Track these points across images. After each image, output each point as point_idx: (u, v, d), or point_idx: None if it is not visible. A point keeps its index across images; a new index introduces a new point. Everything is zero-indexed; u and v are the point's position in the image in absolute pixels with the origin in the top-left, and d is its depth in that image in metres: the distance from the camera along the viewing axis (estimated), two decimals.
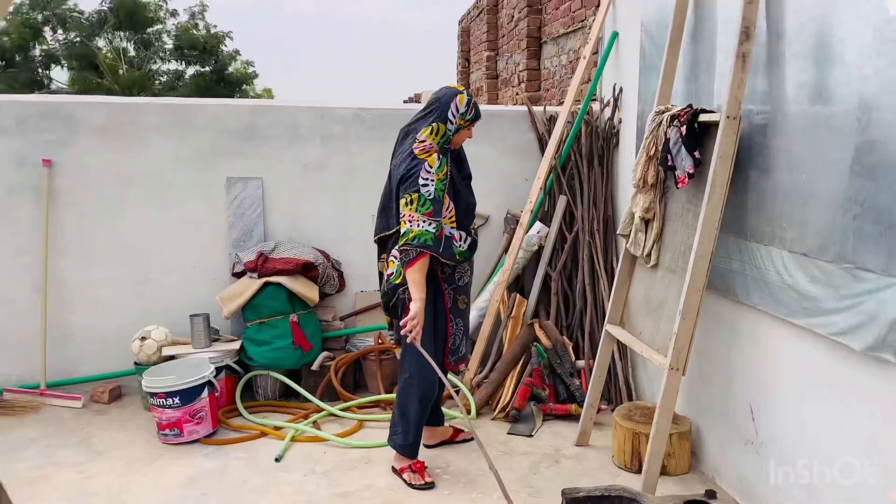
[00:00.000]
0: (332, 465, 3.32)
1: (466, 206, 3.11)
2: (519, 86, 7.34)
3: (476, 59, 10.04)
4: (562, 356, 3.90)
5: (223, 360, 3.94)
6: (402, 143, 3.08)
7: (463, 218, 3.08)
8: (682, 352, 2.81)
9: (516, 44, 7.41)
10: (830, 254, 2.26)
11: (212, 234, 4.26)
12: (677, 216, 3.09)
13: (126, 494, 3.06)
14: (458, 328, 3.22)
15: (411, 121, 3.11)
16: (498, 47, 8.54)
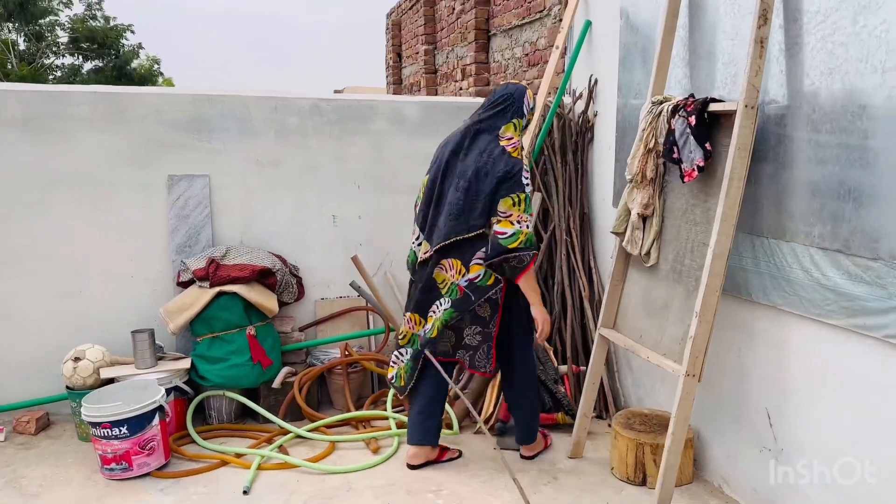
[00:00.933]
0: (309, 496, 2.97)
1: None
2: (463, 80, 7.12)
3: (409, 52, 9.76)
4: (545, 363, 3.68)
5: (172, 380, 3.50)
6: (476, 140, 2.96)
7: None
8: (699, 357, 2.64)
9: (459, 36, 7.18)
10: (874, 250, 2.12)
11: (151, 239, 3.80)
12: (680, 212, 2.92)
13: None
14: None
15: (479, 118, 3.00)
16: (436, 41, 8.30)
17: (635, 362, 3.71)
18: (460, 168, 2.94)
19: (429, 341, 3.05)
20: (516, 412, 3.25)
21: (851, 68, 2.18)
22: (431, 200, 3.05)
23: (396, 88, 10.70)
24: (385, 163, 4.08)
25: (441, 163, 3.04)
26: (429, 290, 3.05)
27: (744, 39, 2.71)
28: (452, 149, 3.02)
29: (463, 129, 3.05)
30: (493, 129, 2.95)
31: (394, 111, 4.07)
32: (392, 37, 10.62)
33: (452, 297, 2.98)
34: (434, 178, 3.06)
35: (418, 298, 3.09)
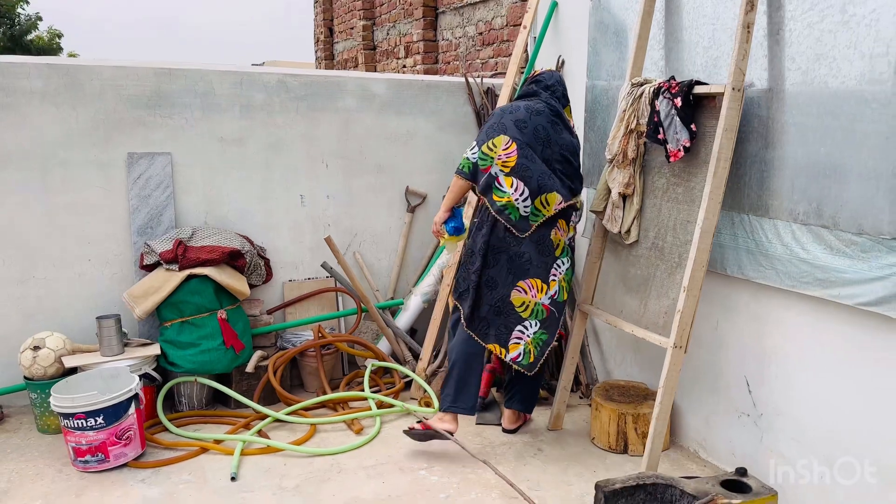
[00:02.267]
0: (300, 479, 2.94)
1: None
2: (407, 57, 7.06)
3: (343, 27, 9.57)
4: None
5: (141, 367, 3.37)
6: (561, 119, 3.14)
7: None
8: (686, 329, 2.76)
9: (402, 12, 7.11)
10: (860, 226, 2.28)
11: (111, 220, 3.61)
12: (661, 191, 3.03)
13: None
14: None
15: (552, 103, 3.15)
16: (375, 16, 8.17)
17: (603, 338, 3.84)
18: (561, 140, 3.09)
19: (563, 304, 3.14)
20: (528, 384, 3.28)
21: (839, 55, 2.32)
22: (541, 160, 3.04)
23: (328, 64, 10.48)
24: (354, 141, 4.02)
25: (540, 131, 3.06)
26: (548, 251, 3.05)
27: (725, 24, 2.82)
28: (549, 121, 3.09)
29: (545, 107, 3.12)
30: (562, 111, 3.18)
31: (362, 88, 4.01)
32: (323, 10, 10.37)
33: (566, 256, 3.13)
34: (537, 141, 3.03)
35: (538, 262, 3.03)
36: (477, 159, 3.04)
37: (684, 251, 2.84)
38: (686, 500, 2.31)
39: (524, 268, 3.02)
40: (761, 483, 2.39)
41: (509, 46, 5.07)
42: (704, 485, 2.38)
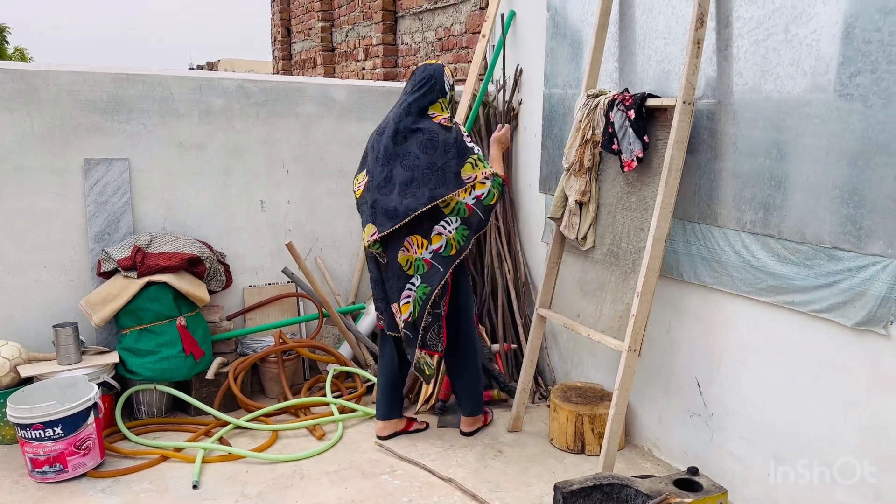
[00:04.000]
0: (263, 486, 2.95)
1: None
2: (366, 60, 7.07)
3: (300, 28, 9.53)
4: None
5: (99, 376, 3.33)
6: (410, 123, 3.04)
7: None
8: (640, 333, 2.86)
9: (361, 14, 7.12)
10: (803, 235, 2.40)
11: (67, 227, 3.56)
12: (615, 199, 3.12)
13: None
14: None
15: (408, 102, 3.07)
16: (333, 17, 8.16)
17: (561, 340, 3.93)
18: (402, 150, 3.02)
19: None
20: (464, 387, 3.37)
21: (783, 72, 2.44)
22: (379, 187, 3.06)
23: (286, 64, 10.42)
24: (314, 147, 4.04)
25: (380, 150, 3.08)
26: (397, 276, 3.08)
27: (676, 39, 2.92)
28: (390, 135, 3.06)
29: (394, 115, 3.09)
30: (423, 110, 3.06)
31: (323, 94, 4.02)
32: (280, 10, 10.30)
33: (421, 273, 3.04)
34: (375, 166, 3.08)
35: (393, 286, 3.10)
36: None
37: (638, 257, 2.94)
38: (640, 500, 2.41)
39: (389, 290, 3.15)
40: (712, 482, 2.50)
41: (469, 53, 5.13)
42: (658, 484, 2.48)
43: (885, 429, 2.21)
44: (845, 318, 2.26)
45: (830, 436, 2.39)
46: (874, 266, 2.18)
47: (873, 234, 2.18)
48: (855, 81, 2.21)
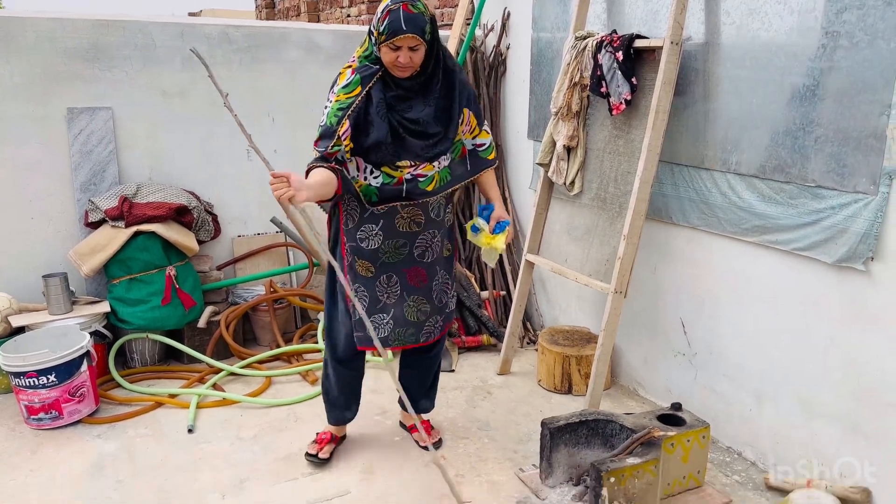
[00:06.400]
0: (257, 429, 3.01)
1: (378, 142, 2.32)
2: (351, 6, 6.94)
3: None
4: (468, 289, 3.86)
5: (91, 325, 3.35)
6: None
7: (371, 154, 2.36)
8: (626, 275, 2.90)
9: None
10: (788, 174, 2.42)
11: (52, 177, 3.53)
12: (603, 143, 3.12)
13: (21, 496, 2.52)
14: (361, 298, 2.52)
15: None
16: None
17: (549, 285, 3.97)
18: None
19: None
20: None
21: (770, 10, 2.42)
22: None
23: (269, 13, 10.19)
24: (300, 94, 3.99)
25: None
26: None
27: None
28: None
29: None
30: None
31: (308, 40, 3.96)
32: None
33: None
34: None
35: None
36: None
37: (625, 201, 2.95)
38: (625, 434, 2.48)
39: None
40: (695, 416, 2.57)
41: None
42: (642, 419, 2.55)
43: (864, 363, 2.27)
44: (827, 255, 2.30)
45: (811, 371, 2.45)
46: (856, 203, 2.21)
47: (857, 171, 2.20)
48: (841, 18, 2.20)
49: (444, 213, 2.58)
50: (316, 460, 2.71)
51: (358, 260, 2.51)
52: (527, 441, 2.89)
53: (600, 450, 2.55)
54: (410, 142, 2.36)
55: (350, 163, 2.38)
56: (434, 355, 2.83)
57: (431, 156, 2.41)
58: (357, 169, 2.40)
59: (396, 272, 2.53)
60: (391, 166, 2.38)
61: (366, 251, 2.49)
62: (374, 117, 2.31)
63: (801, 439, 2.51)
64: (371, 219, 2.45)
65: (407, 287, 2.56)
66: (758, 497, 2.49)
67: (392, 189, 2.40)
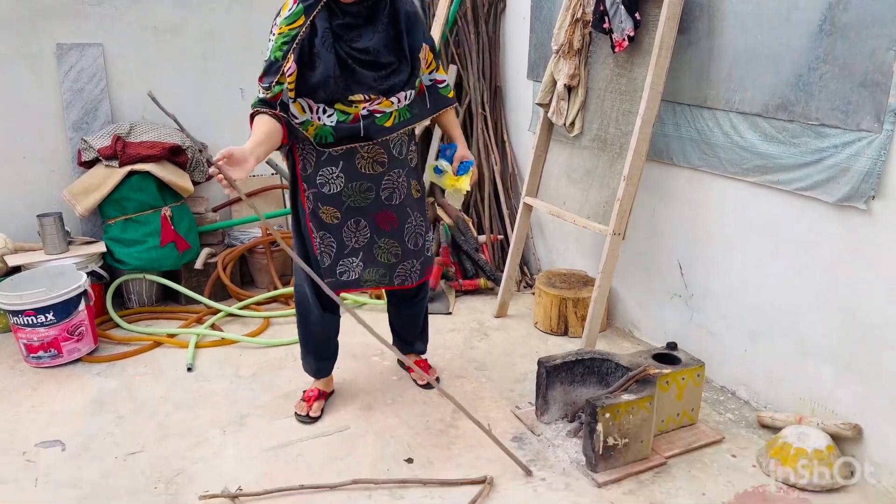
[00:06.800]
0: (256, 368, 3.03)
1: (326, 76, 2.18)
2: None
3: None
4: (465, 232, 3.85)
5: (87, 265, 3.34)
6: None
7: (320, 90, 2.20)
8: (625, 217, 2.88)
9: None
10: (791, 113, 2.38)
11: (43, 116, 3.48)
12: (604, 83, 3.07)
13: (23, 430, 2.55)
14: (328, 245, 2.46)
15: None
16: None
17: (547, 229, 3.96)
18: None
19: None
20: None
21: None
22: None
23: None
24: None
25: None
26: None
27: None
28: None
29: None
30: None
31: None
32: None
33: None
34: None
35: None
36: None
37: (625, 142, 2.92)
38: (621, 372, 2.50)
39: None
40: (690, 356, 2.60)
41: None
42: (638, 358, 2.57)
43: (860, 302, 2.28)
44: (828, 194, 2.29)
45: (807, 311, 2.46)
46: (860, 142, 2.18)
47: (861, 108, 2.17)
48: None
49: (407, 150, 2.45)
50: (307, 419, 2.62)
51: (321, 206, 2.39)
52: (523, 381, 2.92)
53: (596, 388, 2.58)
54: (361, 73, 2.22)
55: (294, 104, 2.20)
56: (419, 301, 2.79)
57: (386, 88, 2.26)
58: (309, 110, 2.23)
59: (364, 216, 2.43)
60: (344, 102, 2.23)
61: (328, 196, 2.37)
62: (319, 49, 2.17)
63: (795, 378, 2.54)
64: (329, 161, 2.32)
65: (377, 231, 2.47)
66: (750, 434, 2.53)
67: (348, 127, 2.26)
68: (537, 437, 2.51)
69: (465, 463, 2.36)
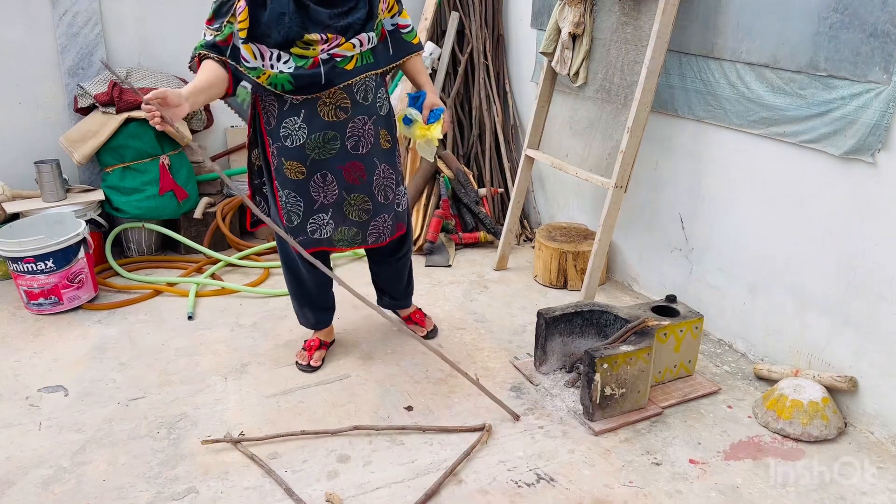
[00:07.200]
0: (257, 317, 3.05)
1: (279, 14, 2.09)
2: None
3: None
4: (465, 185, 3.82)
5: (86, 213, 3.33)
6: None
7: (273, 30, 2.09)
8: (627, 170, 2.86)
9: None
10: (799, 63, 2.34)
11: (38, 61, 3.42)
12: (610, 31, 3.01)
13: (25, 376, 2.57)
14: (294, 203, 2.37)
15: None
16: None
17: (548, 183, 3.94)
18: None
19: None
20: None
21: None
22: None
23: None
24: None
25: None
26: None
27: None
28: None
29: None
30: None
31: None
32: None
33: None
34: None
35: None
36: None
37: (630, 92, 2.87)
38: (619, 324, 2.52)
39: None
40: (688, 308, 2.60)
41: None
42: (637, 310, 2.58)
43: (859, 255, 2.28)
44: (834, 147, 2.26)
45: (808, 263, 2.46)
46: (868, 93, 2.15)
47: (870, 59, 2.13)
48: None
49: (374, 97, 2.32)
50: (308, 368, 2.63)
51: (286, 162, 2.29)
52: (521, 332, 2.93)
53: (594, 339, 2.60)
54: (315, 10, 2.11)
55: (244, 45, 2.09)
56: (401, 257, 2.70)
57: (343, 26, 2.15)
58: (260, 57, 2.12)
59: (331, 170, 2.32)
60: (301, 45, 2.12)
61: (291, 149, 2.26)
62: None
63: (793, 331, 2.56)
64: (291, 111, 2.22)
65: (345, 185, 2.36)
66: (746, 386, 2.56)
67: (308, 74, 2.14)
68: (535, 387, 2.54)
69: (464, 411, 2.39)
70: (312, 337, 2.75)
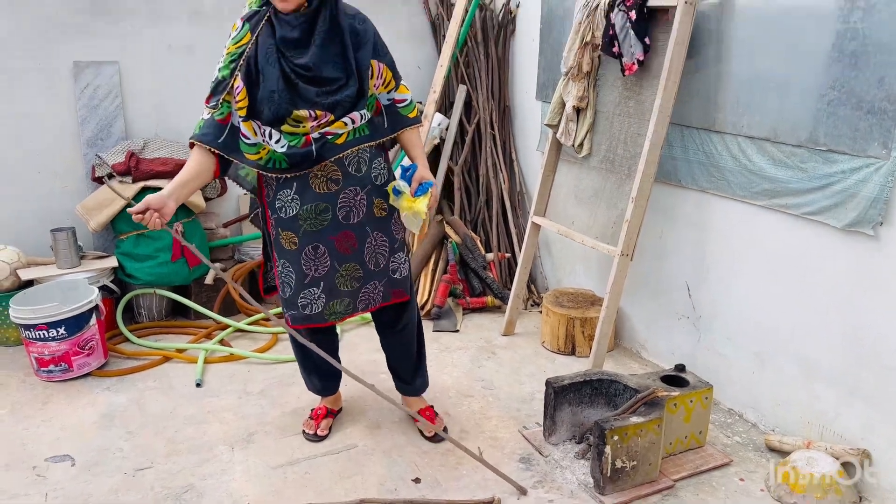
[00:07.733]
0: (264, 385, 3.05)
1: (269, 92, 2.13)
2: None
3: None
4: (473, 250, 3.87)
5: (99, 280, 3.38)
6: None
7: (265, 107, 2.15)
8: (633, 238, 2.90)
9: None
10: (799, 138, 2.40)
11: (59, 131, 3.53)
12: (613, 105, 3.10)
13: (33, 445, 2.57)
14: (287, 274, 2.38)
15: None
16: None
17: (554, 249, 3.98)
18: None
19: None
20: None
21: None
22: None
23: None
24: None
25: None
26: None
27: None
28: None
29: None
30: None
31: None
32: None
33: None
34: None
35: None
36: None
37: (634, 164, 2.94)
38: (629, 394, 2.51)
39: None
40: (698, 378, 2.60)
41: None
42: (646, 380, 2.58)
43: (865, 327, 2.29)
44: (836, 219, 2.30)
45: (813, 334, 2.47)
46: (868, 168, 2.20)
47: (869, 135, 2.19)
48: None
49: (368, 167, 2.33)
50: (315, 438, 2.62)
51: (282, 232, 2.32)
52: (530, 400, 2.92)
53: (604, 409, 2.59)
54: (304, 88, 2.16)
55: (245, 123, 2.17)
56: (403, 329, 2.60)
57: (330, 103, 2.18)
58: (260, 133, 2.19)
59: (323, 241, 2.32)
60: (291, 122, 2.16)
61: (286, 220, 2.29)
62: (263, 66, 2.14)
63: (801, 401, 2.54)
64: (285, 184, 2.26)
65: (337, 256, 2.35)
66: (758, 457, 2.53)
67: (301, 152, 2.19)
68: (545, 458, 2.52)
69: (473, 483, 2.37)
70: (319, 405, 2.74)
